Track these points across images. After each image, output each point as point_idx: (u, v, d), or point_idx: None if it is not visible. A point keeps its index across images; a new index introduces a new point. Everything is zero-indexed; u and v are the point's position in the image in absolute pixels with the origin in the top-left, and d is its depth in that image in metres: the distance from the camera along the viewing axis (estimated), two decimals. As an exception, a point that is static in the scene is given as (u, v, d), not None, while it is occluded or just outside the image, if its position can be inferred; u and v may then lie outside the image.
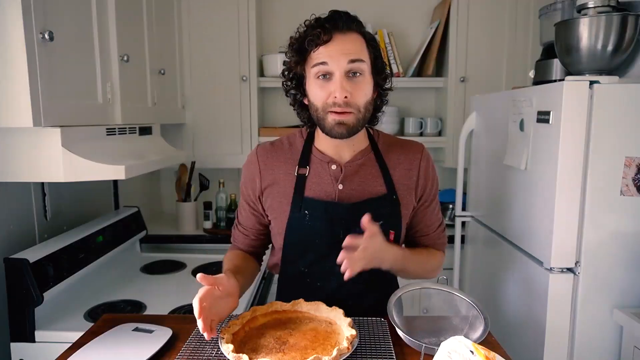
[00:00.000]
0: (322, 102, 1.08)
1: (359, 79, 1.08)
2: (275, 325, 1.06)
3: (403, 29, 2.71)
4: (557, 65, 1.71)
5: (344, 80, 1.06)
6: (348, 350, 0.91)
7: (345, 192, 1.16)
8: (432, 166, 1.24)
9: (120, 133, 1.60)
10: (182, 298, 1.65)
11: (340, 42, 1.06)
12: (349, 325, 1.00)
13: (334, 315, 1.07)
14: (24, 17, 1.12)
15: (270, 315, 1.09)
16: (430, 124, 2.59)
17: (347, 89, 1.05)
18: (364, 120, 1.12)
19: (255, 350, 0.95)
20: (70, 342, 1.07)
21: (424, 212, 1.24)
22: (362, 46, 1.09)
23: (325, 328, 1.04)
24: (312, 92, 1.11)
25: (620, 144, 1.38)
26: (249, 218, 1.26)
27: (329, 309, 1.08)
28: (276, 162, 1.20)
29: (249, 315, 1.07)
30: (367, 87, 1.10)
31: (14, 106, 1.16)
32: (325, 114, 1.09)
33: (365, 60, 1.08)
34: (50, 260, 1.44)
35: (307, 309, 1.10)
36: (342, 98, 1.05)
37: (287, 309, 1.11)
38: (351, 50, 1.06)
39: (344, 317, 1.04)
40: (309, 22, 1.10)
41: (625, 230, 1.41)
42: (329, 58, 1.06)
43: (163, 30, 2.13)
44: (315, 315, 1.09)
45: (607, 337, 1.45)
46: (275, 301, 1.13)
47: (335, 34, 1.06)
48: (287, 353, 0.94)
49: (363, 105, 1.09)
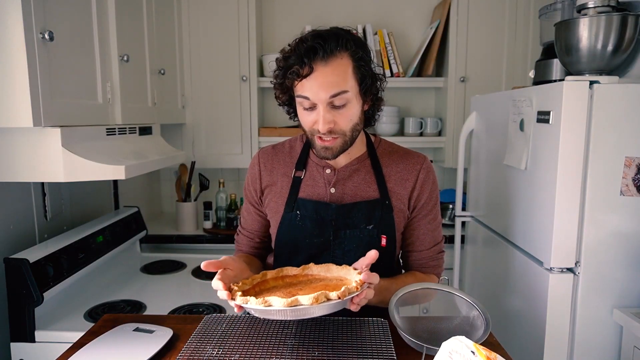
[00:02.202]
0: (308, 128, 1.11)
1: (343, 109, 1.06)
2: (285, 286, 1.04)
3: (403, 29, 2.71)
4: (557, 65, 1.71)
5: (326, 112, 1.05)
6: (357, 290, 0.91)
7: (337, 196, 1.17)
8: (433, 180, 1.23)
9: (120, 133, 1.60)
10: (182, 298, 1.65)
11: (321, 74, 1.02)
12: (357, 273, 0.99)
13: (344, 272, 1.05)
14: (24, 17, 1.12)
15: (281, 279, 1.07)
16: (430, 124, 2.59)
17: (329, 120, 1.05)
18: (352, 139, 1.12)
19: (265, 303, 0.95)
20: (70, 342, 1.06)
21: (417, 224, 1.23)
22: (345, 73, 1.04)
23: (336, 283, 1.02)
24: (300, 116, 1.13)
25: (620, 144, 1.38)
26: (254, 221, 1.28)
27: (339, 267, 1.06)
28: (276, 165, 1.24)
29: (260, 278, 1.05)
30: (353, 112, 1.08)
31: (14, 106, 1.16)
32: (312, 136, 1.11)
33: (349, 90, 1.05)
34: (50, 260, 1.44)
35: (318, 271, 1.07)
36: (325, 130, 1.06)
37: (297, 273, 1.08)
38: (333, 83, 1.03)
39: (354, 272, 1.02)
40: (291, 48, 1.06)
41: (625, 230, 1.41)
42: (310, 92, 1.04)
43: (163, 30, 2.13)
44: (326, 276, 1.07)
45: (607, 337, 1.45)
46: (285, 267, 1.09)
47: (316, 65, 1.02)
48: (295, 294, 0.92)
49: (349, 129, 1.09)
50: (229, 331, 1.06)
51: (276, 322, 1.10)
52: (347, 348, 0.98)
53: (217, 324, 1.10)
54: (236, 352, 0.97)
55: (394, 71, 2.54)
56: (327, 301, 0.88)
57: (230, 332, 1.05)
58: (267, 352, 0.97)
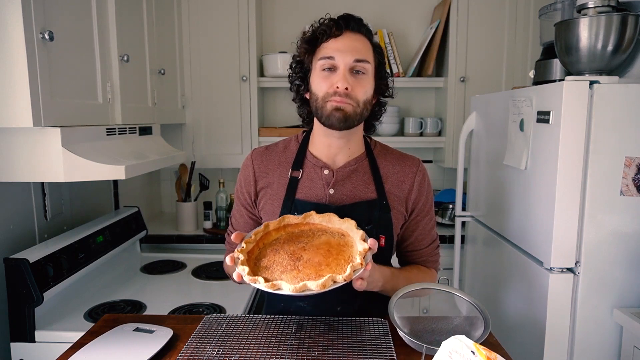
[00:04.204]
0: (323, 92, 1.11)
1: (362, 76, 1.12)
2: (288, 240, 1.04)
3: (403, 29, 2.71)
4: (557, 65, 1.71)
5: (347, 74, 1.10)
6: (362, 266, 0.91)
7: (336, 197, 1.17)
8: (428, 182, 1.25)
9: (120, 133, 1.60)
10: (182, 298, 1.65)
11: (350, 39, 1.12)
12: (361, 239, 0.99)
13: (346, 227, 1.05)
14: (24, 17, 1.12)
15: (283, 229, 1.08)
16: (430, 124, 2.59)
17: (349, 82, 1.09)
18: (361, 116, 1.13)
19: (270, 268, 0.96)
20: (70, 342, 1.07)
21: (416, 226, 1.24)
22: (369, 49, 1.14)
23: (338, 240, 1.03)
24: (315, 83, 1.14)
25: (620, 144, 1.38)
26: (246, 223, 1.27)
27: (341, 220, 1.06)
28: (270, 165, 1.22)
29: (262, 231, 1.05)
30: (368, 86, 1.13)
31: (14, 106, 1.16)
32: (324, 102, 1.11)
33: (370, 62, 1.13)
34: (50, 260, 1.44)
35: (319, 221, 1.08)
36: (344, 89, 1.08)
37: (299, 222, 1.09)
38: (359, 49, 1.11)
39: (356, 229, 1.03)
40: (323, 19, 1.14)
41: (625, 230, 1.41)
42: (337, 52, 1.10)
43: (163, 30, 2.13)
44: (328, 227, 1.07)
45: (607, 337, 1.45)
46: (287, 215, 1.10)
47: (346, 31, 1.12)
48: (302, 270, 0.94)
49: (362, 101, 1.12)
50: (229, 331, 1.06)
51: (276, 322, 1.10)
52: (347, 348, 0.98)
53: (217, 324, 1.10)
54: (236, 352, 0.97)
55: (394, 71, 2.54)
56: (334, 284, 0.88)
57: (230, 332, 1.05)
58: (267, 352, 0.97)
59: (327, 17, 1.14)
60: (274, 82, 2.53)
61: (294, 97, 1.23)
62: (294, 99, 1.24)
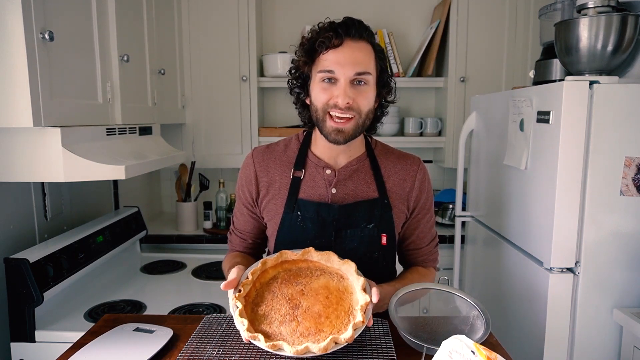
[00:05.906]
0: (322, 104, 1.09)
1: (363, 87, 1.09)
2: (286, 280, 1.02)
3: (403, 29, 2.71)
4: (557, 65, 1.71)
5: (347, 86, 1.07)
6: (363, 324, 0.91)
7: (338, 196, 1.17)
8: (428, 180, 1.25)
9: (120, 133, 1.60)
10: (182, 298, 1.65)
11: (350, 49, 1.07)
12: (362, 290, 0.97)
13: (345, 268, 1.03)
14: (24, 17, 1.12)
15: (281, 265, 1.05)
16: (430, 124, 2.59)
17: (350, 96, 1.07)
18: (363, 126, 1.13)
19: (268, 317, 0.94)
20: (70, 342, 1.07)
21: (417, 224, 1.25)
22: (370, 57, 1.10)
23: (337, 285, 1.01)
24: (315, 93, 1.12)
25: (620, 144, 1.38)
26: (247, 222, 1.27)
27: (340, 261, 1.04)
28: (272, 165, 1.22)
29: (260, 270, 1.03)
30: (370, 95, 1.11)
31: (14, 106, 1.16)
32: (324, 115, 1.10)
33: (371, 73, 1.10)
34: (50, 260, 1.44)
35: (318, 259, 1.06)
36: (345, 104, 1.06)
37: (297, 259, 1.06)
38: (359, 60, 1.07)
39: (356, 274, 1.01)
40: (322, 25, 1.11)
41: (625, 230, 1.41)
42: (337, 66, 1.06)
43: (163, 30, 2.13)
44: (327, 266, 1.05)
45: (607, 337, 1.45)
46: (285, 250, 1.07)
47: (347, 40, 1.07)
48: (301, 322, 0.93)
49: (365, 111, 1.10)
50: (229, 331, 1.06)
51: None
52: (347, 348, 0.98)
53: (217, 324, 1.10)
54: (236, 352, 0.97)
55: (394, 71, 2.54)
56: (335, 345, 0.89)
57: (230, 332, 1.05)
58: (267, 352, 0.97)
59: (326, 22, 1.11)
60: (274, 82, 2.53)
61: (294, 101, 1.22)
62: (295, 105, 1.22)
